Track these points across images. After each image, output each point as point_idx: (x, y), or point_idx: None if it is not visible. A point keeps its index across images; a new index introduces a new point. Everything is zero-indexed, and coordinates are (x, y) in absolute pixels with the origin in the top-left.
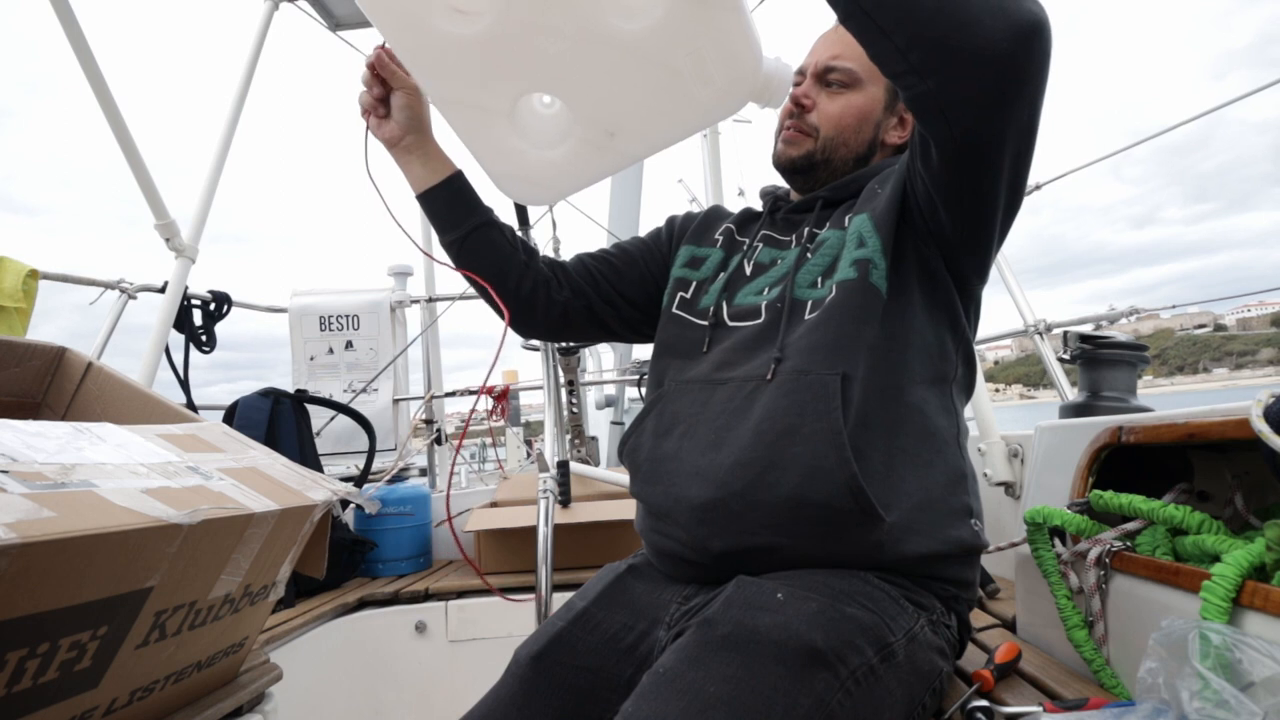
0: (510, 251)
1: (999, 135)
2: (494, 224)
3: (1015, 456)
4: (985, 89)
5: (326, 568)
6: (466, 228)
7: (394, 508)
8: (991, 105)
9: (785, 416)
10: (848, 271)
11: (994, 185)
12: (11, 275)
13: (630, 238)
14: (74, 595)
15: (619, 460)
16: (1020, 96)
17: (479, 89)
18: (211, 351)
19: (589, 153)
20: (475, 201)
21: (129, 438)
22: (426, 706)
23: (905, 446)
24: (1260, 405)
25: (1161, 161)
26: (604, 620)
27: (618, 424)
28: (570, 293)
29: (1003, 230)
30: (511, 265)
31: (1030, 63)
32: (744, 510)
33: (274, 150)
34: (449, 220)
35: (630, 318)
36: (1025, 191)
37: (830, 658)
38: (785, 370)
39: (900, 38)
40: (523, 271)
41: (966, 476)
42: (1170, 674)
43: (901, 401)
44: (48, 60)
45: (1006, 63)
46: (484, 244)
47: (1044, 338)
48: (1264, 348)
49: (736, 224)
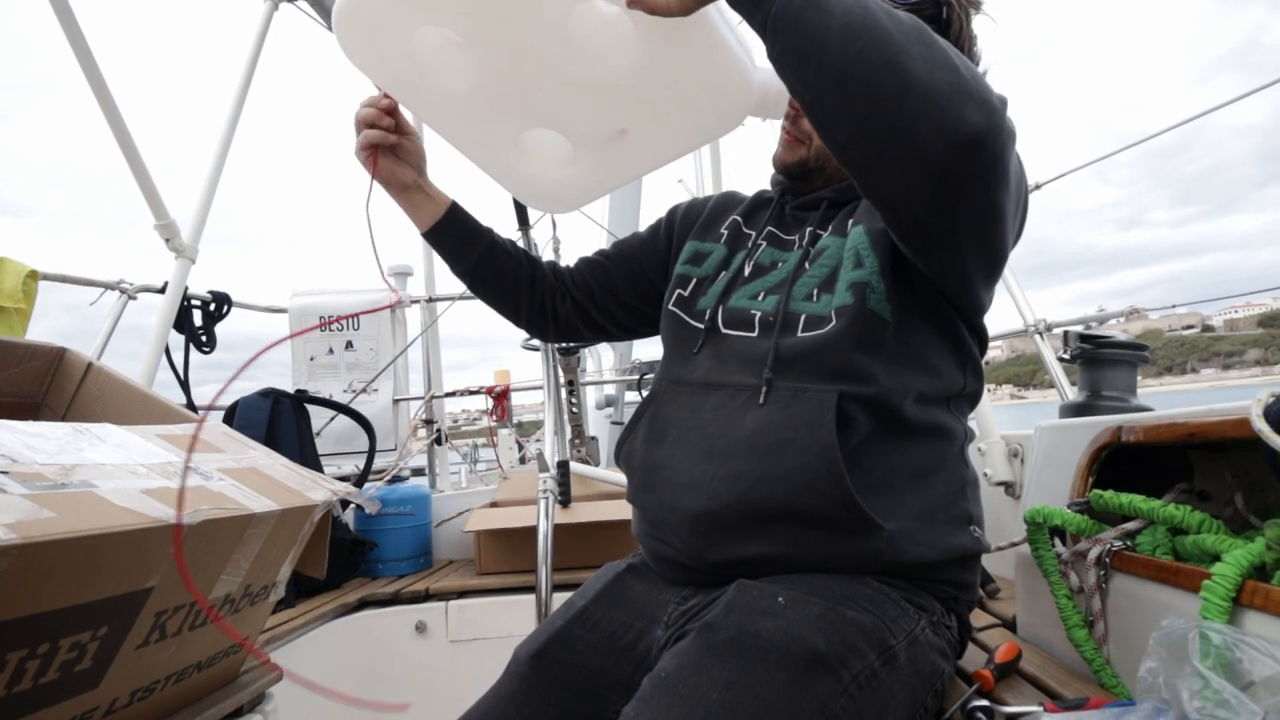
0: (515, 268)
1: (949, 226)
2: (496, 245)
3: (1015, 456)
4: (926, 191)
5: (326, 568)
6: (474, 257)
7: (394, 508)
8: (935, 203)
9: (779, 430)
10: (845, 296)
11: (959, 263)
12: (11, 276)
13: (631, 234)
14: (74, 595)
15: (616, 462)
16: (964, 198)
17: (483, 131)
18: (211, 352)
19: (594, 172)
20: (477, 228)
21: (129, 438)
22: (426, 706)
23: (908, 459)
24: (1260, 405)
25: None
26: (603, 619)
27: (617, 424)
28: (571, 304)
29: (988, 285)
30: (520, 285)
31: (970, 171)
32: (737, 521)
33: (273, 151)
34: (458, 252)
35: (626, 323)
36: (1005, 254)
37: (833, 662)
38: (781, 385)
39: (840, 133)
40: (530, 289)
41: (969, 485)
42: (1170, 673)
43: (904, 417)
44: (43, 62)
45: (942, 172)
46: (491, 271)
47: (1044, 338)
48: (1251, 348)
49: (745, 215)
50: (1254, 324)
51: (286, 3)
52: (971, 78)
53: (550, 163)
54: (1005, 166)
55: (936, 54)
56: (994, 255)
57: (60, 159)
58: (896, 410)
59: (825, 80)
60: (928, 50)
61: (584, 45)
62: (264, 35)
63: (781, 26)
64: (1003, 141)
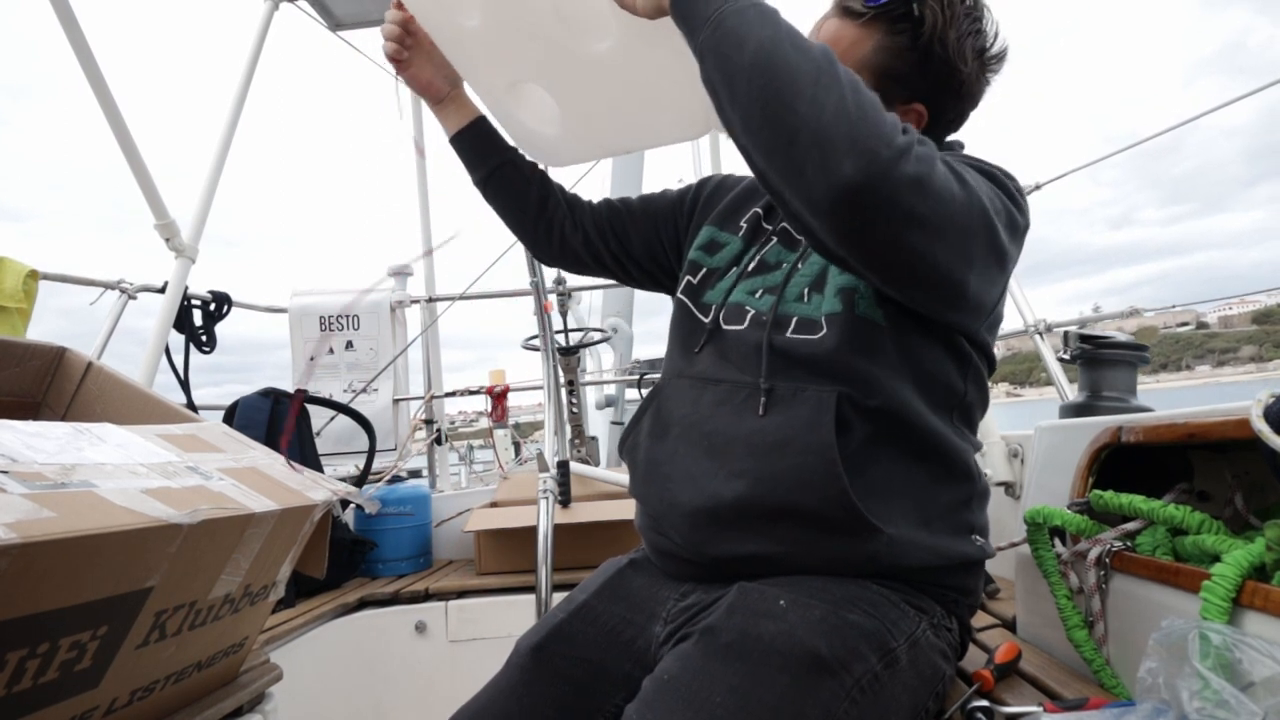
0: (526, 188)
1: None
2: (514, 163)
3: (1015, 456)
4: (824, 230)
5: (326, 568)
6: (488, 168)
7: (394, 508)
8: (837, 242)
9: (779, 430)
10: (834, 302)
11: (898, 292)
12: (11, 275)
13: (662, 191)
14: (74, 595)
15: (620, 456)
16: (863, 239)
17: (485, 71)
18: (211, 352)
19: (578, 137)
20: (497, 144)
21: (129, 438)
22: (426, 706)
23: (908, 467)
24: (1260, 405)
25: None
26: (603, 613)
27: (618, 424)
28: (581, 239)
29: (956, 311)
30: (527, 205)
31: (856, 217)
32: (735, 519)
33: (274, 150)
34: (474, 161)
35: (628, 270)
36: (956, 286)
37: (835, 665)
38: (780, 385)
39: (750, 163)
40: (539, 210)
41: (975, 496)
42: (1170, 674)
43: (906, 424)
44: (42, 65)
45: (829, 216)
46: (502, 184)
47: (1044, 337)
48: (1245, 345)
49: (766, 208)
50: (1248, 321)
51: (287, 2)
52: (862, 124)
53: (541, 118)
54: (907, 210)
55: (831, 97)
56: (937, 288)
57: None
58: (897, 416)
59: (736, 112)
60: (824, 93)
61: (572, 19)
62: (264, 35)
63: (705, 54)
64: (888, 190)
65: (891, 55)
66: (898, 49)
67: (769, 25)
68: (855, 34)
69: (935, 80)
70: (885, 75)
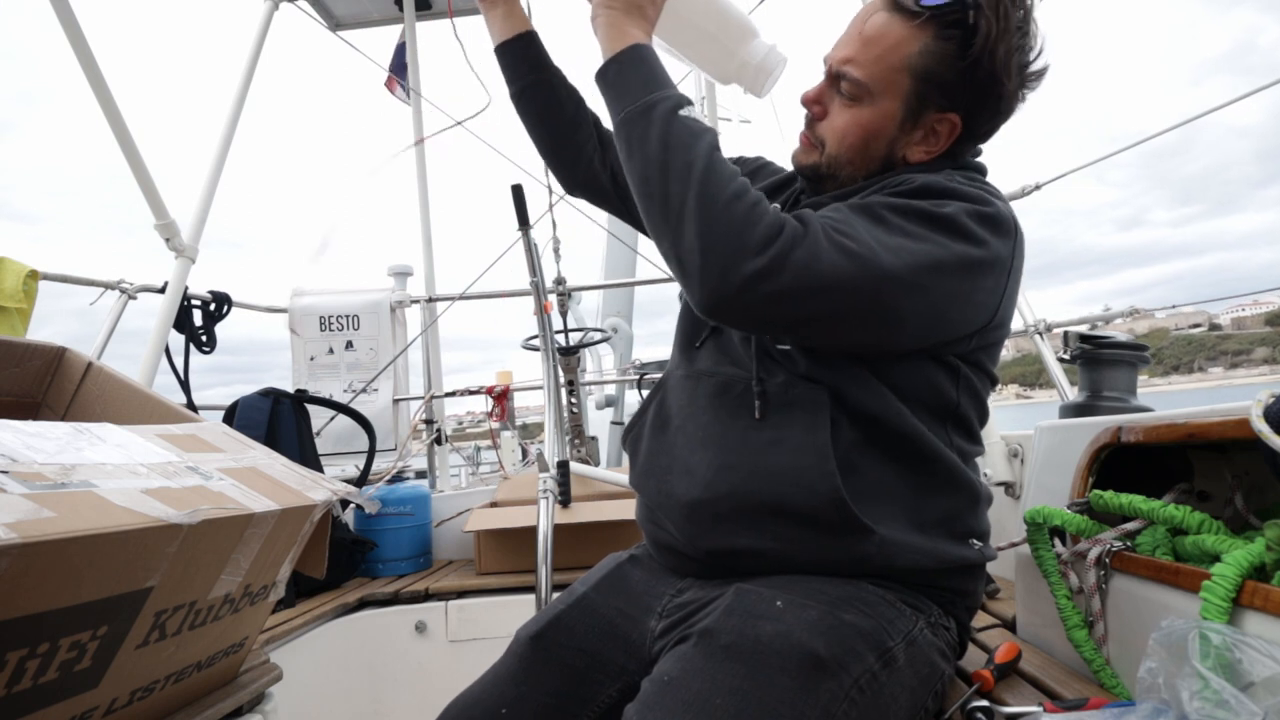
0: (559, 110)
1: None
2: (551, 84)
3: (1015, 456)
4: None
5: (326, 568)
6: (523, 82)
7: (394, 508)
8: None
9: (773, 428)
10: None
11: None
12: (12, 276)
13: None
14: (74, 595)
15: (623, 447)
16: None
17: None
18: (211, 352)
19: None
20: (540, 61)
21: (129, 438)
22: (426, 706)
23: (904, 467)
24: (1260, 405)
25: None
26: (601, 606)
27: (618, 424)
28: (610, 176)
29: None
30: (556, 128)
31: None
32: (729, 513)
33: (274, 150)
34: (512, 73)
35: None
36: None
37: (833, 666)
38: (773, 381)
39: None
40: (570, 135)
41: (975, 501)
42: (1170, 674)
43: (893, 428)
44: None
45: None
46: (535, 101)
47: (1044, 338)
48: (1259, 347)
49: (788, 202)
50: (1261, 322)
51: (287, 2)
52: (717, 251)
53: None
54: (774, 314)
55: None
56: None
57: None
58: (885, 422)
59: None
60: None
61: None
62: (264, 35)
63: (618, 131)
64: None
65: (937, 60)
66: (945, 55)
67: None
68: (903, 33)
69: (977, 92)
70: (927, 80)
